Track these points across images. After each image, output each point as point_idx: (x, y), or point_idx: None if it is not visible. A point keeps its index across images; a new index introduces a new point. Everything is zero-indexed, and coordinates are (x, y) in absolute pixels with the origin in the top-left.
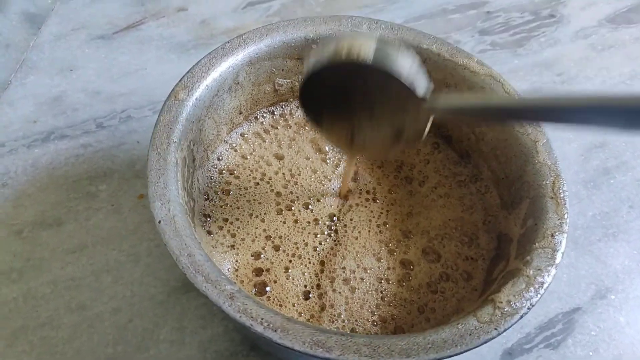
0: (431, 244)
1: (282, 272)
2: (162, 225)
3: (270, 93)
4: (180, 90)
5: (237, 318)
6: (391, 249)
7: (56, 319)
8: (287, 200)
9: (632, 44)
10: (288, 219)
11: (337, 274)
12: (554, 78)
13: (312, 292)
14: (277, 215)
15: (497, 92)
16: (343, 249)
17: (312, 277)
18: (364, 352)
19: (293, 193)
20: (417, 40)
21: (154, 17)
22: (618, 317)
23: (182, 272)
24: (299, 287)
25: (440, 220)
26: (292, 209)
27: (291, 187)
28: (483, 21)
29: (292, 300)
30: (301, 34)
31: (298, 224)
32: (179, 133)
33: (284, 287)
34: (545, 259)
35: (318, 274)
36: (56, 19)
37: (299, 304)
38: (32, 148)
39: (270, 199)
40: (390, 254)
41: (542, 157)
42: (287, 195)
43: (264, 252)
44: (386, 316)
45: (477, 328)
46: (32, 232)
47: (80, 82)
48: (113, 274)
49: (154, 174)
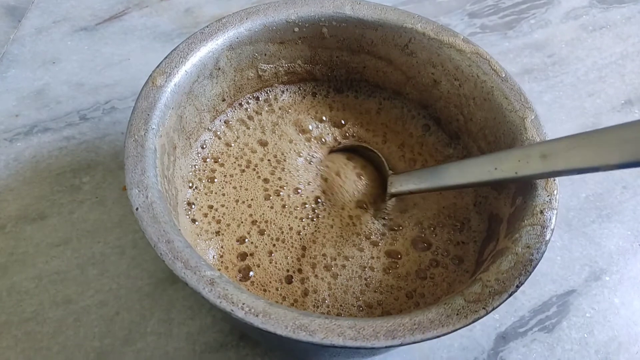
0: (422, 235)
1: (265, 256)
2: (139, 212)
3: (253, 79)
4: (157, 76)
5: (217, 304)
6: (374, 241)
7: (41, 314)
8: (275, 187)
9: (624, 24)
10: (276, 204)
11: (317, 260)
12: (544, 59)
13: (294, 277)
14: (264, 201)
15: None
16: (322, 236)
17: (294, 262)
18: (348, 334)
19: (282, 179)
20: (401, 20)
21: (137, 7)
22: (613, 298)
23: None
24: (281, 271)
25: (435, 209)
26: (281, 194)
27: (278, 173)
28: (472, 4)
29: (275, 284)
30: (282, 17)
31: (285, 209)
32: (157, 120)
33: (267, 270)
34: (535, 236)
35: (300, 258)
36: (37, 11)
37: (282, 288)
38: (15, 142)
39: (257, 185)
40: (374, 245)
41: (530, 133)
42: (275, 181)
43: (248, 237)
44: (372, 302)
45: (465, 307)
46: (15, 226)
47: (63, 74)
48: (98, 267)
49: (131, 161)
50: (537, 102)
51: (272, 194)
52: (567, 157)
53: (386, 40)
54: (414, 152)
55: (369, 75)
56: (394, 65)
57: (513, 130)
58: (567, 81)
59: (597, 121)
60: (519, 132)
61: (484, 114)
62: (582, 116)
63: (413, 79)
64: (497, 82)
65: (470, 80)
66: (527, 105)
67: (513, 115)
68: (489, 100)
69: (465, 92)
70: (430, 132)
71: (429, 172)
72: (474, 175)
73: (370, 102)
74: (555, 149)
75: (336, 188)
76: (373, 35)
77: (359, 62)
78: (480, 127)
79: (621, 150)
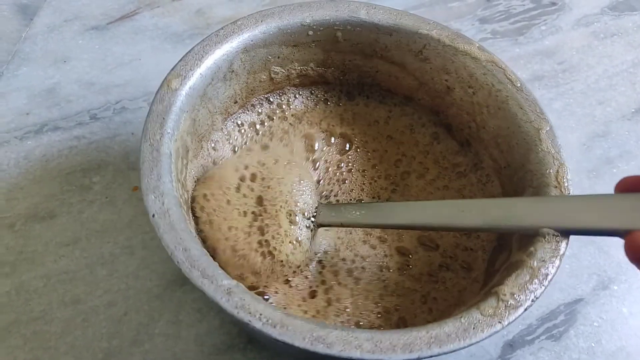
0: (426, 234)
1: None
2: (155, 219)
3: (266, 81)
4: (173, 79)
5: (234, 314)
6: (381, 237)
7: (49, 313)
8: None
9: (635, 31)
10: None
11: (339, 266)
12: (555, 66)
13: (317, 290)
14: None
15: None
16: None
17: (315, 276)
18: (366, 347)
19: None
20: (416, 26)
21: (149, 7)
22: (621, 307)
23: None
24: (304, 291)
25: None
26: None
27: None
28: (483, 9)
29: (298, 301)
30: (297, 20)
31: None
32: (172, 123)
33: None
34: (550, 250)
35: (321, 270)
36: (49, 10)
37: (304, 304)
38: (25, 140)
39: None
40: (382, 241)
41: (545, 145)
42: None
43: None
44: (390, 307)
45: (481, 321)
46: (25, 225)
47: (73, 73)
48: (107, 267)
49: (147, 166)
50: (548, 109)
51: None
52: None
53: (400, 45)
54: (413, 164)
55: (381, 79)
56: (407, 71)
57: (527, 141)
58: (578, 88)
59: (607, 129)
60: (533, 143)
61: (498, 123)
62: (592, 124)
63: (426, 85)
64: (512, 92)
65: (484, 89)
66: (542, 117)
67: (528, 126)
68: (503, 109)
69: (479, 100)
70: (439, 140)
71: (370, 208)
72: (435, 217)
73: (380, 109)
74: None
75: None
76: (387, 40)
77: (372, 66)
78: (493, 136)
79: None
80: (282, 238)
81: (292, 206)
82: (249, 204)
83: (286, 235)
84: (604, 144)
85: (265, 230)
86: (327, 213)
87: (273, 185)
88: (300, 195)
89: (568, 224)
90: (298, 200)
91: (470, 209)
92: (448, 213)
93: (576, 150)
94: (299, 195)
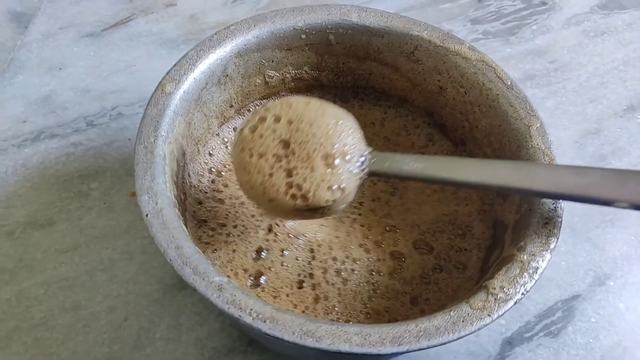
0: (422, 237)
1: (278, 256)
2: (149, 219)
3: (261, 85)
4: (167, 83)
5: (225, 309)
6: (378, 241)
7: (50, 320)
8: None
9: (625, 29)
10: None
11: (328, 264)
12: (546, 65)
13: (305, 282)
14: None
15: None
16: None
17: (305, 265)
18: (355, 340)
19: None
20: (407, 28)
21: (143, 13)
22: (617, 303)
23: None
24: (292, 275)
25: (433, 215)
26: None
27: None
28: (475, 10)
29: (287, 290)
30: (290, 24)
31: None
32: (166, 126)
33: (279, 274)
34: (540, 244)
35: (311, 261)
36: (43, 17)
37: (292, 294)
38: (22, 148)
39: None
40: (378, 245)
41: (535, 141)
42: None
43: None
44: (379, 308)
45: (470, 315)
46: (24, 232)
47: (69, 80)
48: (107, 273)
49: (141, 167)
50: (540, 108)
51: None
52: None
53: (392, 47)
54: None
55: (375, 82)
56: (400, 72)
57: (518, 138)
58: (569, 87)
59: (600, 126)
60: (524, 140)
61: (489, 121)
62: (584, 122)
63: (419, 86)
64: (502, 90)
65: (475, 88)
66: (532, 113)
67: (518, 123)
68: (494, 108)
69: (470, 99)
70: (433, 141)
71: (433, 160)
72: (500, 177)
73: (375, 111)
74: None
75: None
76: (379, 43)
77: (365, 69)
78: (486, 134)
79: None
80: (317, 182)
81: (328, 149)
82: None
83: (322, 180)
84: (596, 142)
85: (294, 173)
86: (381, 161)
87: (303, 128)
88: (337, 137)
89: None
90: (336, 142)
91: (538, 174)
92: (517, 176)
93: (569, 148)
94: (336, 137)
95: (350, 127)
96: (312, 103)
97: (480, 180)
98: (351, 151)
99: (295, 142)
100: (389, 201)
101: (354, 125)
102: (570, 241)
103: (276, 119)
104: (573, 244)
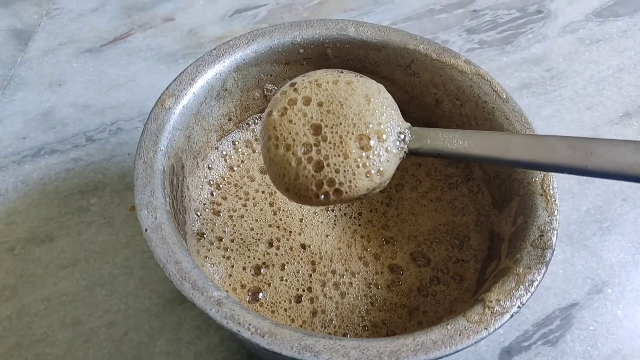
0: (420, 248)
1: (278, 270)
2: (148, 233)
3: (259, 98)
4: (166, 99)
5: (224, 324)
6: (377, 254)
7: (51, 335)
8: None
9: (620, 37)
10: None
11: (327, 277)
12: (542, 74)
13: (303, 296)
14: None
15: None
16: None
17: (305, 279)
18: (353, 355)
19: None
20: (403, 41)
21: (141, 29)
22: (615, 311)
23: None
24: (291, 290)
25: (430, 225)
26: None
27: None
28: (470, 20)
29: (285, 305)
30: (288, 39)
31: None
32: (166, 141)
33: (278, 289)
34: (536, 256)
35: (311, 274)
36: (43, 34)
37: (290, 309)
38: (23, 164)
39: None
40: (377, 258)
41: None
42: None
43: (262, 257)
44: (377, 321)
45: (467, 328)
46: (24, 248)
47: (69, 96)
48: (107, 288)
49: (141, 182)
50: (536, 116)
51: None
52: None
53: (389, 61)
54: (406, 176)
55: None
56: (397, 85)
57: None
58: (566, 95)
59: (596, 134)
60: None
61: None
62: (581, 129)
63: (416, 99)
64: (498, 103)
65: (471, 101)
66: (527, 126)
67: None
68: (490, 120)
69: (467, 112)
70: None
71: (479, 136)
72: (559, 156)
73: None
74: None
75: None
76: (376, 56)
77: None
78: None
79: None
80: (352, 170)
81: (362, 129)
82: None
83: (357, 167)
84: None
85: (326, 164)
86: (422, 138)
87: (334, 110)
88: (371, 116)
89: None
90: (370, 121)
91: (600, 150)
92: (572, 155)
93: None
94: (369, 116)
95: (382, 103)
96: (341, 80)
97: (536, 159)
98: (387, 130)
99: (327, 127)
100: (385, 212)
101: (387, 100)
102: (567, 249)
103: (306, 101)
104: (570, 252)
